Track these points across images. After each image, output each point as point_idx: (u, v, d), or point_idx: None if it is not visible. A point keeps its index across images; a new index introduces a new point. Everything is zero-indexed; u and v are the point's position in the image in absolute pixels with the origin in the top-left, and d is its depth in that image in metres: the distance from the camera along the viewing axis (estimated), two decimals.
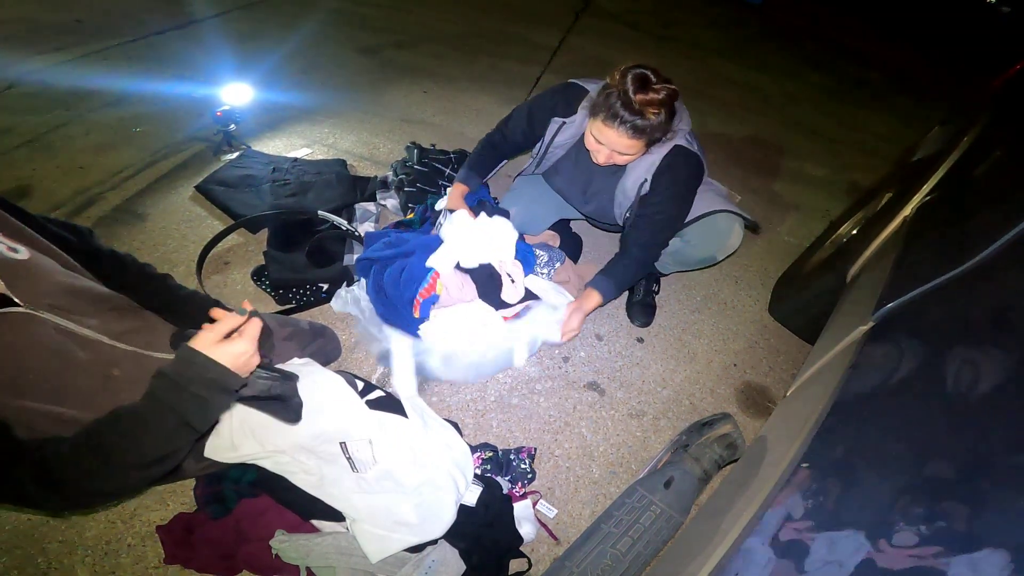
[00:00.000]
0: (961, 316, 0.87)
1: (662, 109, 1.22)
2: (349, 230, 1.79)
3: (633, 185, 1.42)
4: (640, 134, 1.25)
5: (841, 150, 3.30)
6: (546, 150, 1.53)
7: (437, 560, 1.06)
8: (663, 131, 1.29)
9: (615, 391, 1.58)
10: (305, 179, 2.01)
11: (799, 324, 1.82)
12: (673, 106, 1.26)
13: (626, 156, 1.33)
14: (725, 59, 4.30)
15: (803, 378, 1.21)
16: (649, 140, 1.29)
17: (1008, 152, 1.24)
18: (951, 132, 1.60)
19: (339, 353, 1.46)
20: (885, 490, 0.64)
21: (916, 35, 6.31)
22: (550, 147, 1.52)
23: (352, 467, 1.08)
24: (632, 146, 1.29)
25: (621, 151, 1.31)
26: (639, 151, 1.33)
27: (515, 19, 4.10)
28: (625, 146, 1.29)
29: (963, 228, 1.11)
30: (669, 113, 1.26)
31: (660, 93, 1.20)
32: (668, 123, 1.28)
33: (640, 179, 1.40)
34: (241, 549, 1.06)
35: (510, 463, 1.31)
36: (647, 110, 1.21)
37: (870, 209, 1.74)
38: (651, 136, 1.28)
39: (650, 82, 1.21)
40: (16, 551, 1.04)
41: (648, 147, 1.33)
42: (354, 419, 1.13)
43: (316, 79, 2.82)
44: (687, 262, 1.69)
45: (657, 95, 1.20)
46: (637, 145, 1.29)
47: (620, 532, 1.09)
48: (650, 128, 1.25)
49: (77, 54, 2.64)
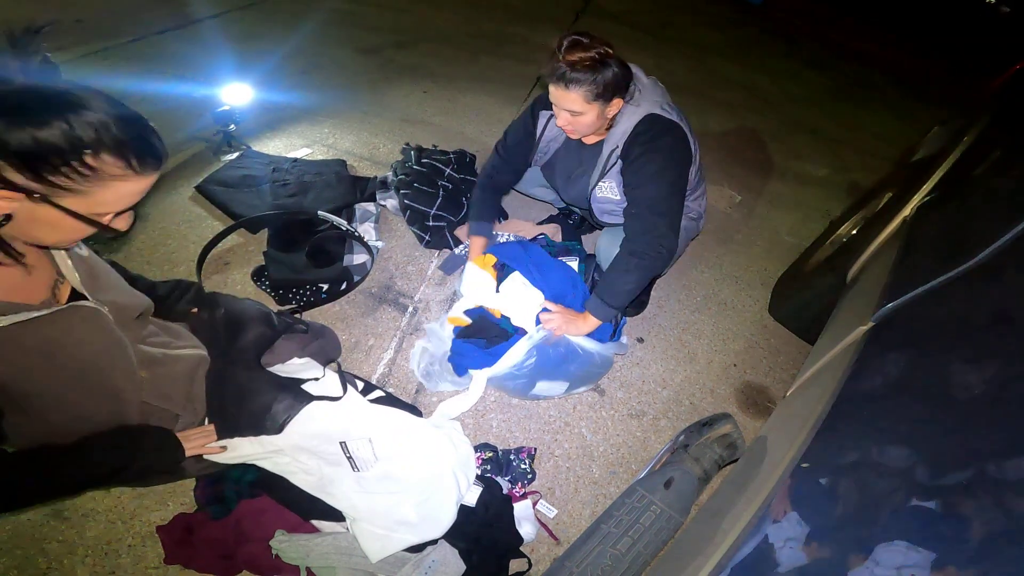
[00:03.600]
0: (961, 316, 0.87)
1: (596, 65, 1.26)
2: (349, 230, 1.79)
3: (607, 155, 1.42)
4: (577, 86, 1.28)
5: (841, 150, 3.30)
6: (537, 143, 1.58)
7: (437, 560, 1.06)
8: (607, 88, 1.30)
9: (615, 391, 1.58)
10: (305, 179, 2.00)
11: (799, 324, 1.82)
12: (610, 63, 1.28)
13: (581, 118, 1.34)
14: (725, 59, 4.30)
15: (803, 378, 1.21)
16: (593, 95, 1.29)
17: (1008, 152, 1.24)
18: (951, 132, 1.60)
19: (339, 353, 1.45)
20: (885, 490, 0.64)
21: (916, 35, 6.32)
22: (541, 140, 1.56)
23: (352, 466, 1.08)
24: (575, 100, 1.30)
25: (569, 107, 1.32)
26: (589, 109, 1.32)
27: (515, 19, 4.10)
28: (570, 101, 1.30)
29: (963, 228, 1.11)
30: (609, 70, 1.28)
31: (590, 50, 1.26)
32: (612, 81, 1.29)
33: (612, 147, 1.40)
34: (241, 549, 1.06)
35: (510, 463, 1.31)
36: (579, 65, 1.26)
37: (870, 209, 1.74)
38: (592, 90, 1.29)
39: (581, 43, 1.27)
40: (16, 551, 1.04)
41: (598, 103, 1.32)
42: (354, 418, 1.13)
43: (316, 79, 2.81)
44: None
45: (586, 52, 1.25)
46: (579, 100, 1.30)
47: (620, 532, 1.09)
48: (588, 82, 1.27)
49: (77, 54, 2.64)
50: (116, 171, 0.67)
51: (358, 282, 1.70)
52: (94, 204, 0.68)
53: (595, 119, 1.36)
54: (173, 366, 0.97)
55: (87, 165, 0.65)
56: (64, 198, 0.66)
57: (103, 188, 0.67)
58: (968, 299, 0.88)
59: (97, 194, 0.67)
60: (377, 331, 1.60)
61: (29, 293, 0.74)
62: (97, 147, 0.64)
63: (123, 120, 0.66)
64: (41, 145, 0.61)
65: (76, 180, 0.65)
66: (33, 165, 0.62)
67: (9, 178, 0.62)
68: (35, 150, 0.61)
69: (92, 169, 0.65)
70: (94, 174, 0.65)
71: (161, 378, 0.95)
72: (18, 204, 0.64)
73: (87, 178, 0.65)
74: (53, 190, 0.64)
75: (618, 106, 1.36)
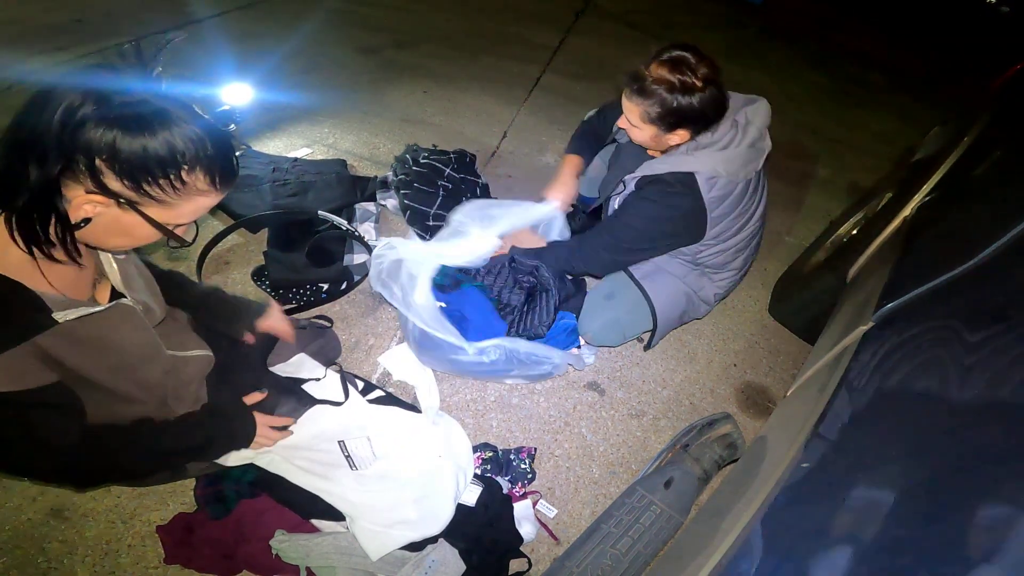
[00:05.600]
0: (961, 316, 0.87)
1: (673, 89, 1.17)
2: (349, 230, 1.79)
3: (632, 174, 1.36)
4: (640, 99, 1.20)
5: (841, 150, 3.30)
6: (611, 137, 1.56)
7: (437, 560, 1.06)
8: (670, 116, 1.21)
9: (615, 391, 1.58)
10: (305, 179, 2.00)
11: (799, 324, 1.82)
12: (693, 93, 1.17)
13: (635, 129, 1.28)
14: (725, 59, 4.26)
15: (803, 378, 1.21)
16: (651, 117, 1.22)
17: (1008, 152, 1.24)
18: (951, 132, 1.60)
19: (339, 353, 1.46)
20: (884, 491, 0.64)
21: (916, 35, 6.31)
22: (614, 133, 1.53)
23: (351, 465, 1.09)
24: (632, 112, 1.24)
25: (630, 117, 1.27)
26: (645, 128, 1.26)
27: (515, 19, 4.10)
28: (628, 110, 1.26)
29: (963, 228, 1.11)
30: (686, 100, 1.18)
31: (675, 74, 1.16)
32: (681, 112, 1.20)
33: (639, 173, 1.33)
34: (241, 549, 1.06)
35: (510, 463, 1.31)
36: (655, 80, 1.18)
37: (870, 209, 1.74)
38: (651, 111, 1.21)
39: (671, 61, 1.18)
40: (16, 551, 1.04)
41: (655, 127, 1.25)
42: (353, 417, 1.13)
43: (316, 79, 2.81)
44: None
45: (669, 73, 1.17)
46: (636, 114, 1.24)
47: (620, 532, 1.09)
48: (653, 102, 1.19)
49: (77, 54, 2.64)
50: (202, 187, 0.70)
51: (358, 282, 1.70)
52: (173, 215, 0.71)
53: (649, 138, 1.29)
54: (185, 368, 0.99)
55: (181, 179, 0.68)
56: (149, 207, 0.69)
57: (186, 201, 0.71)
58: (968, 299, 0.88)
59: (180, 206, 0.71)
60: (377, 331, 1.60)
61: (80, 290, 0.78)
62: (194, 163, 0.68)
63: (216, 137, 0.70)
64: (147, 156, 0.64)
65: (168, 192, 0.68)
66: (135, 174, 0.65)
67: (108, 184, 0.64)
68: (141, 160, 0.64)
69: (184, 183, 0.68)
70: (184, 188, 0.69)
71: (176, 380, 0.96)
72: (103, 209, 0.67)
73: (177, 191, 0.68)
74: (144, 199, 0.67)
75: (682, 137, 1.26)
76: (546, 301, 1.43)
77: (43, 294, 0.69)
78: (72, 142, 0.61)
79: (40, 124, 0.61)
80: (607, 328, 1.50)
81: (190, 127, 0.66)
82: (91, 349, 0.76)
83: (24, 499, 1.11)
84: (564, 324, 1.51)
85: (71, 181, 0.64)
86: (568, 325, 1.51)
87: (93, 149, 0.62)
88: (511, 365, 1.37)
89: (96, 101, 0.61)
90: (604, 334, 1.52)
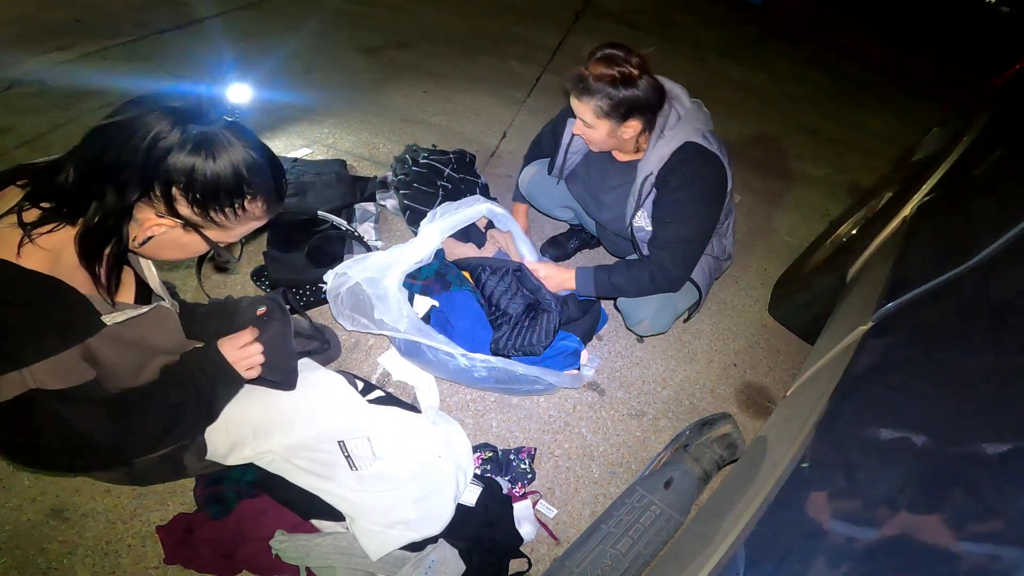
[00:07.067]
0: (961, 316, 0.87)
1: (615, 82, 1.23)
2: (349, 230, 1.79)
3: (641, 181, 1.36)
4: (589, 98, 1.25)
5: (841, 150, 3.30)
6: (565, 155, 1.54)
7: (437, 560, 1.06)
8: (620, 107, 1.25)
9: (615, 391, 1.58)
10: (305, 179, 2.00)
11: (799, 324, 1.82)
12: (634, 83, 1.24)
13: (591, 131, 1.32)
14: (725, 59, 4.29)
15: (803, 378, 1.21)
16: (603, 111, 1.26)
17: (1008, 152, 1.24)
18: (951, 132, 1.60)
19: (339, 353, 1.46)
20: (885, 491, 0.64)
21: (916, 35, 6.31)
22: (568, 152, 1.53)
23: (351, 465, 1.08)
24: (585, 111, 1.28)
25: (584, 118, 1.30)
26: (599, 124, 1.29)
27: (515, 19, 4.10)
28: (581, 111, 1.29)
29: (963, 228, 1.11)
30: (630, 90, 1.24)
31: (612, 67, 1.22)
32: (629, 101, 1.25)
33: (647, 173, 1.34)
34: (241, 549, 1.06)
35: (510, 463, 1.31)
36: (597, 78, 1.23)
37: (870, 209, 1.74)
38: (603, 106, 1.25)
39: (607, 58, 1.24)
40: (16, 551, 1.04)
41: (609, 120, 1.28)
42: (353, 417, 1.13)
43: (316, 79, 2.81)
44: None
45: (608, 69, 1.23)
46: (589, 112, 1.27)
47: (620, 532, 1.09)
48: (601, 97, 1.24)
49: (77, 54, 2.64)
50: (258, 213, 0.76)
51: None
52: (227, 236, 0.77)
53: (606, 136, 1.32)
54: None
55: (244, 207, 0.73)
56: (210, 229, 0.74)
57: (242, 225, 0.76)
58: (968, 299, 0.88)
59: (235, 229, 0.76)
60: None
61: (124, 294, 0.81)
62: (255, 193, 0.73)
63: (273, 167, 0.75)
64: (220, 186, 0.69)
65: (230, 217, 0.73)
66: (205, 202, 0.69)
67: (179, 209, 0.70)
68: (213, 190, 0.69)
69: (245, 211, 0.73)
70: (244, 215, 0.74)
71: None
72: (168, 229, 0.71)
73: (238, 217, 0.73)
74: (207, 222, 0.72)
75: (634, 128, 1.30)
76: (547, 321, 1.41)
77: (91, 297, 0.73)
78: (154, 171, 0.65)
79: (126, 151, 0.64)
80: (661, 312, 1.49)
81: (257, 160, 0.71)
82: (128, 348, 0.81)
83: (24, 499, 1.11)
84: (564, 346, 1.47)
85: (144, 205, 0.68)
86: (568, 347, 1.48)
87: (172, 179, 0.66)
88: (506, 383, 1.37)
89: (179, 130, 0.65)
90: (660, 318, 1.51)
